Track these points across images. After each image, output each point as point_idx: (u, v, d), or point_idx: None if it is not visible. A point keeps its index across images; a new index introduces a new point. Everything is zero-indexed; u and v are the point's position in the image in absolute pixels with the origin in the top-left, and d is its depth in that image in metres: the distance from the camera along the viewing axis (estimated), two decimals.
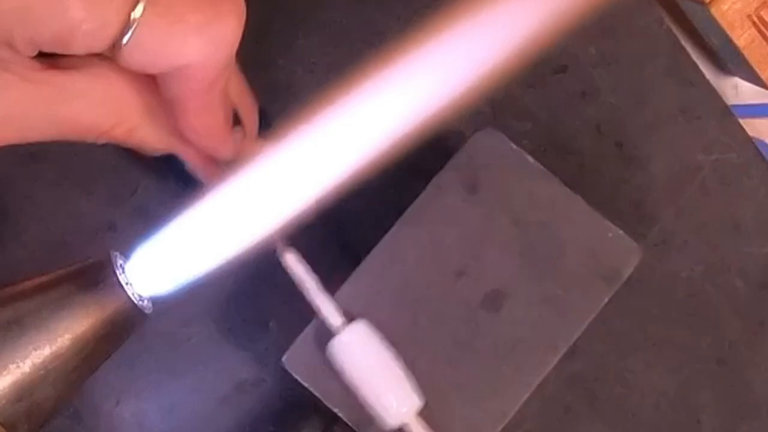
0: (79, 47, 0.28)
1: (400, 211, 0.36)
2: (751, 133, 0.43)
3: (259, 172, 0.31)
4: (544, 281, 0.36)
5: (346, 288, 0.36)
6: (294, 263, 0.35)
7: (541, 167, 0.36)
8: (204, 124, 0.32)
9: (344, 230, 0.40)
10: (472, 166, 0.36)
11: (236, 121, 0.35)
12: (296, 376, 0.35)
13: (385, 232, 0.36)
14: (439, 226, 0.36)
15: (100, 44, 0.28)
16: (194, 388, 0.40)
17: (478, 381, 0.36)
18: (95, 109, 0.31)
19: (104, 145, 0.32)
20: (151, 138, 0.33)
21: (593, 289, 0.36)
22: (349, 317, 0.35)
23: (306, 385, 0.35)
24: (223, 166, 0.35)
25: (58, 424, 0.32)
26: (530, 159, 0.36)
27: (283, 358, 0.36)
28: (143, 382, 0.40)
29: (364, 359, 0.35)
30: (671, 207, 0.43)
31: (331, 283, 0.36)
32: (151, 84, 0.31)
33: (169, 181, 0.41)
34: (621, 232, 0.36)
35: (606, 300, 0.36)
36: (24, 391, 0.29)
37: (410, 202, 0.36)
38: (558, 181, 0.36)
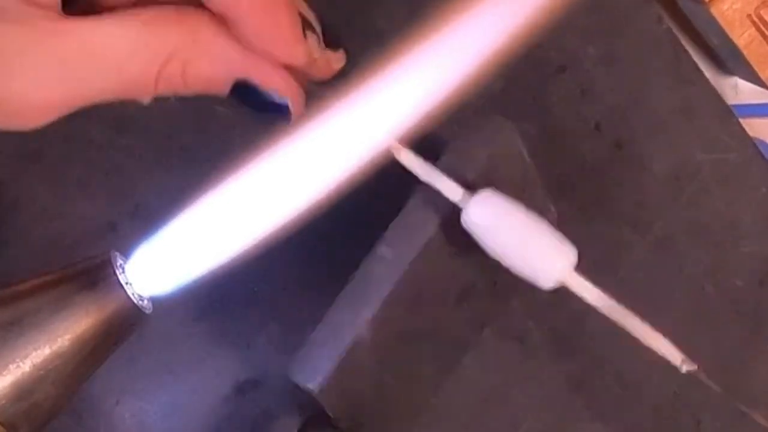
0: None
1: (398, 211, 0.34)
2: (751, 133, 0.43)
3: (258, 170, 0.31)
4: None
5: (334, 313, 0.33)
6: (410, 159, 0.32)
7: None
8: (266, 23, 0.30)
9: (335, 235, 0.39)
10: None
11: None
12: (303, 385, 0.33)
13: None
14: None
15: None
16: (194, 388, 0.40)
17: None
18: (139, 52, 0.28)
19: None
20: (210, 67, 0.30)
21: None
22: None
23: (315, 395, 0.33)
24: (303, 80, 0.32)
25: (58, 424, 0.31)
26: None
27: (291, 375, 0.33)
28: (143, 382, 0.40)
29: (504, 224, 0.31)
30: (671, 207, 0.43)
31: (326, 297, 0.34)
32: (192, 11, 0.29)
33: (169, 181, 0.41)
34: None
35: None
36: (24, 391, 0.29)
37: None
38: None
